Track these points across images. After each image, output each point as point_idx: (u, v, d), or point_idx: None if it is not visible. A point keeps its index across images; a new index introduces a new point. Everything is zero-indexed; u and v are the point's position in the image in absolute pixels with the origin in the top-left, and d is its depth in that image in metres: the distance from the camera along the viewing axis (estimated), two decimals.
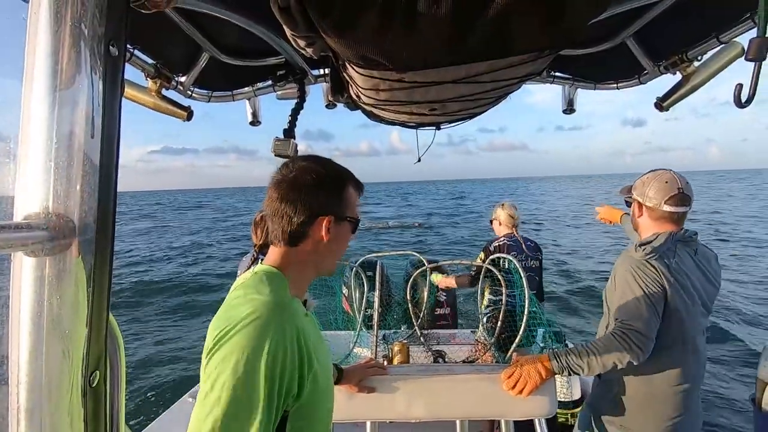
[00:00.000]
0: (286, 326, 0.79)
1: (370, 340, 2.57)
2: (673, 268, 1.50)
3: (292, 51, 1.39)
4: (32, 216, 0.45)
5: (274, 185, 0.91)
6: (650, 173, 1.65)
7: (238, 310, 0.79)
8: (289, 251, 0.91)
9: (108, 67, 0.49)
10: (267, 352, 0.74)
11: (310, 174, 0.90)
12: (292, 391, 0.79)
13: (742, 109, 0.90)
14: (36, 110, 0.46)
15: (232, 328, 0.76)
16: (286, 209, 0.88)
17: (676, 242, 1.55)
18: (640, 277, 1.48)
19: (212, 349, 0.76)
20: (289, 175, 0.90)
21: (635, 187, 1.67)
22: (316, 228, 0.90)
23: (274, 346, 0.75)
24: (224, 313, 0.83)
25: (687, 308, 1.50)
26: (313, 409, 0.85)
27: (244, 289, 0.86)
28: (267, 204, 0.92)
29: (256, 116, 1.99)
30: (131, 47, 1.27)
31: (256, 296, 0.82)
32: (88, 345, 0.48)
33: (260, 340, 0.75)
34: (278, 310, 0.80)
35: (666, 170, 1.62)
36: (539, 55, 0.95)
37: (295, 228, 0.89)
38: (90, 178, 0.47)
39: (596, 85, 1.80)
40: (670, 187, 1.54)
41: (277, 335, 0.77)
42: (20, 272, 0.46)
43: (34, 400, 0.46)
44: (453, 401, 1.43)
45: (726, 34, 1.20)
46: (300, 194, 0.89)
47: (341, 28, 0.78)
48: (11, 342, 0.46)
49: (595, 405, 1.68)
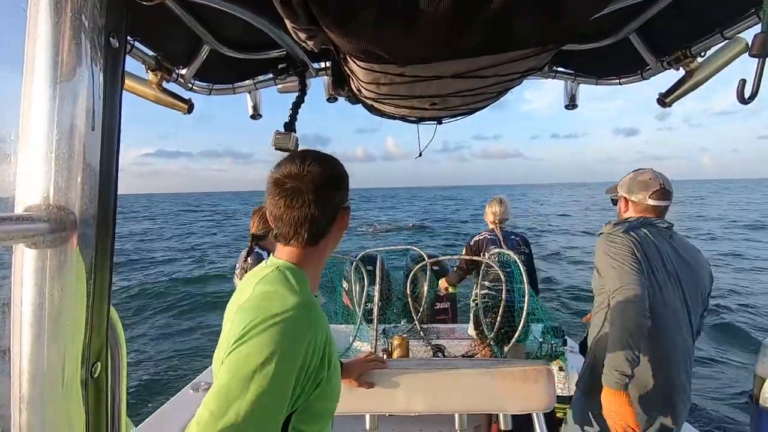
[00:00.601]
0: (317, 328, 0.80)
1: (369, 334, 2.59)
2: (642, 241, 1.62)
3: (293, 44, 1.38)
4: (33, 208, 0.45)
5: (291, 192, 0.85)
6: (633, 172, 1.80)
7: (272, 304, 0.79)
8: (308, 250, 0.91)
9: (108, 59, 0.49)
10: (300, 352, 0.75)
11: (328, 173, 0.88)
12: (309, 389, 0.80)
13: (744, 105, 0.90)
14: (36, 102, 0.45)
15: (263, 322, 0.75)
16: (311, 214, 0.85)
17: (647, 225, 1.68)
18: (612, 247, 1.62)
19: (240, 340, 0.74)
20: (303, 178, 0.85)
21: (621, 185, 1.82)
22: (337, 223, 0.92)
23: (305, 347, 0.77)
24: (255, 305, 0.81)
25: (659, 282, 1.59)
26: (319, 408, 0.85)
27: (271, 284, 0.85)
28: (281, 210, 0.86)
29: (257, 110, 1.98)
30: (132, 39, 1.26)
31: (288, 293, 0.82)
32: (90, 336, 0.48)
33: (295, 339, 0.76)
34: (311, 311, 0.81)
35: (647, 169, 1.77)
36: (541, 50, 0.95)
37: (321, 229, 0.89)
38: (91, 170, 0.47)
39: (598, 80, 1.79)
40: (652, 183, 1.70)
41: (309, 336, 0.78)
42: (21, 264, 0.46)
43: (36, 390, 0.46)
44: (452, 395, 1.44)
45: (730, 30, 1.19)
46: (324, 195, 0.87)
47: (342, 20, 0.78)
48: (13, 333, 0.46)
49: (586, 390, 1.72)
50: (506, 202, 3.31)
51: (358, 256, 3.14)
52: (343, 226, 0.94)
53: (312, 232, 0.87)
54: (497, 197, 3.36)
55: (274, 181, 0.88)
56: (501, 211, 3.23)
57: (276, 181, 0.87)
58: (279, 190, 0.86)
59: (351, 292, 3.32)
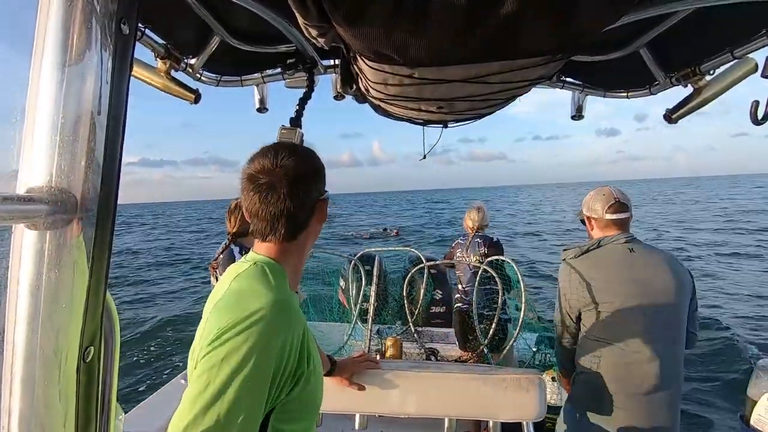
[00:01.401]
0: (292, 325, 0.79)
1: (364, 334, 2.59)
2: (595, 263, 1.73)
3: (303, 40, 1.38)
4: (35, 189, 0.45)
5: (265, 188, 0.83)
6: (592, 191, 1.91)
7: (246, 304, 0.77)
8: (287, 245, 0.89)
9: (118, 45, 0.49)
10: (276, 352, 0.74)
11: (302, 165, 0.86)
12: (287, 388, 0.79)
13: (757, 126, 0.90)
14: (44, 85, 0.45)
15: (239, 323, 0.74)
16: (287, 208, 0.83)
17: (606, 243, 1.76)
18: (559, 279, 1.82)
19: (215, 341, 0.74)
20: (276, 172, 0.83)
21: (583, 206, 1.93)
22: (315, 216, 0.90)
23: (281, 345, 0.75)
24: (229, 304, 0.80)
25: (616, 297, 1.65)
26: (298, 406, 0.84)
27: (247, 280, 0.83)
28: (256, 206, 0.84)
29: (264, 103, 1.98)
30: (142, 26, 1.26)
31: (263, 291, 0.80)
32: (84, 320, 0.48)
33: (269, 339, 0.75)
34: (286, 308, 0.80)
35: (604, 186, 1.89)
36: (551, 59, 0.95)
37: (299, 223, 0.87)
38: (94, 154, 0.47)
39: (606, 92, 1.79)
40: (607, 199, 1.81)
41: (284, 335, 0.77)
42: (20, 245, 0.46)
43: (28, 371, 0.46)
44: (442, 399, 1.44)
45: (740, 50, 1.19)
46: (300, 189, 0.85)
47: (353, 18, 0.78)
48: (8, 313, 0.46)
49: (576, 401, 1.77)
50: (484, 209, 3.52)
51: (357, 255, 3.14)
52: (322, 219, 0.92)
53: (289, 226, 0.86)
54: (475, 205, 3.57)
55: (247, 177, 0.85)
56: (479, 218, 3.44)
57: (249, 176, 0.85)
58: (253, 186, 0.84)
59: (347, 291, 3.32)
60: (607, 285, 1.68)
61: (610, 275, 1.69)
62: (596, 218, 1.83)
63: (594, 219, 1.84)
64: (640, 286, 1.66)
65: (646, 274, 1.67)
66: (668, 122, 1.54)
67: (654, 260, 1.70)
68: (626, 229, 1.80)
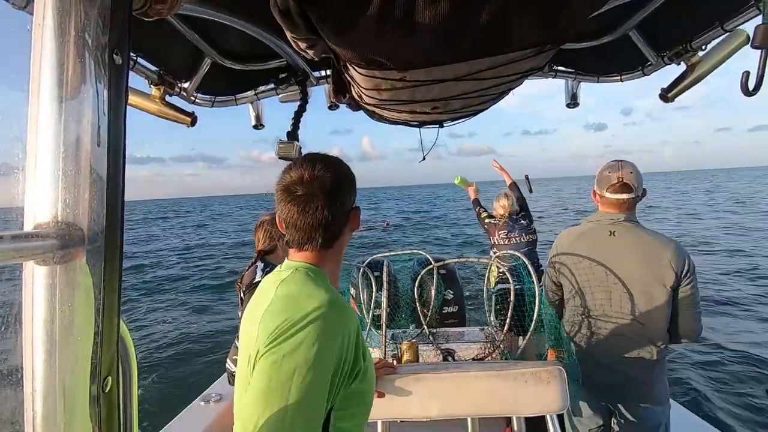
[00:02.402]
0: (348, 322, 0.81)
1: (379, 340, 2.57)
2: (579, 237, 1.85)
3: (293, 53, 1.39)
4: (42, 225, 0.46)
5: (303, 199, 0.84)
6: (605, 165, 1.84)
7: (302, 304, 0.79)
8: (323, 253, 0.90)
9: (112, 75, 0.49)
10: (338, 345, 0.76)
11: (338, 176, 0.88)
12: (347, 384, 0.81)
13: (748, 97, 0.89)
14: (43, 120, 0.46)
15: (299, 321, 0.75)
16: (325, 218, 0.85)
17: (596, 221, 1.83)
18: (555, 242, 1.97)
19: (275, 341, 0.74)
20: (313, 183, 0.84)
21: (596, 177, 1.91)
22: (349, 224, 0.93)
23: (341, 340, 0.77)
24: (284, 306, 0.80)
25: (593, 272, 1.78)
26: (356, 402, 0.86)
27: (295, 284, 0.84)
28: (294, 217, 0.85)
29: (260, 120, 1.99)
30: (134, 55, 1.28)
31: (316, 291, 0.82)
32: (100, 351, 0.48)
33: (332, 334, 0.76)
34: (341, 306, 0.82)
35: (617, 161, 1.81)
36: (540, 50, 0.95)
37: (336, 233, 0.89)
38: (97, 186, 0.48)
39: (599, 78, 1.78)
40: (609, 177, 1.78)
41: (344, 329, 0.79)
42: (32, 281, 0.46)
43: (49, 407, 0.46)
44: (464, 399, 1.43)
45: (731, 22, 1.18)
46: (336, 199, 0.86)
47: (341, 29, 0.78)
48: (25, 350, 0.46)
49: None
50: (511, 195, 3.68)
51: (365, 262, 3.13)
52: (354, 227, 0.95)
53: (326, 236, 0.87)
54: (503, 192, 3.73)
55: (283, 188, 0.86)
56: (509, 204, 3.61)
57: (286, 188, 0.86)
58: (290, 198, 0.85)
59: (359, 299, 3.32)
60: (576, 259, 1.83)
61: (581, 251, 1.82)
62: (599, 194, 1.82)
63: (598, 194, 1.84)
64: (607, 267, 1.76)
65: (614, 259, 1.75)
66: (664, 101, 1.53)
67: (630, 246, 1.73)
68: (627, 209, 1.78)
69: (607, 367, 1.77)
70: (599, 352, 1.79)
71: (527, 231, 3.56)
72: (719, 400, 4.33)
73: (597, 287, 1.79)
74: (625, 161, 1.79)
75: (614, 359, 1.76)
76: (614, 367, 1.76)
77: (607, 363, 1.77)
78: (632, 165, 1.78)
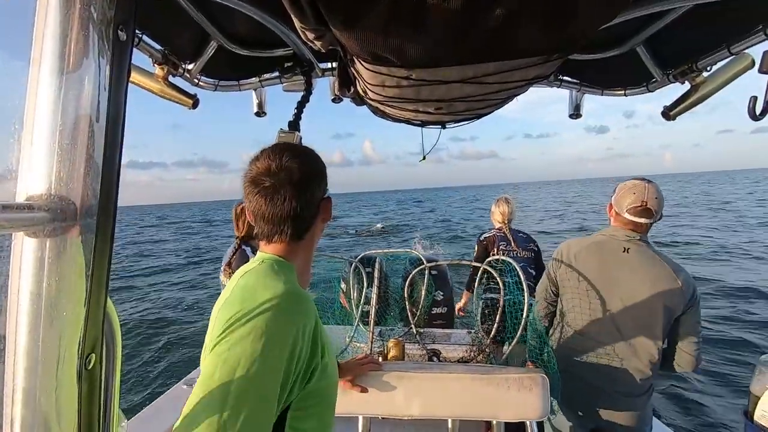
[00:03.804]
0: (304, 315, 0.78)
1: (366, 336, 2.58)
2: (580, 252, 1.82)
3: (300, 43, 1.38)
4: (34, 197, 0.45)
5: (271, 190, 0.82)
6: (630, 181, 1.77)
7: (255, 295, 0.76)
8: (294, 245, 0.89)
9: (116, 51, 0.49)
10: (289, 339, 0.72)
11: (305, 166, 0.86)
12: (301, 382, 0.78)
13: (756, 121, 0.90)
14: (42, 92, 0.45)
15: (250, 312, 0.72)
16: (293, 210, 0.83)
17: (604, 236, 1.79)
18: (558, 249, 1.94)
19: (227, 330, 0.72)
20: (280, 174, 0.83)
21: (615, 192, 1.82)
22: (320, 215, 0.91)
23: (294, 334, 0.74)
24: (238, 297, 0.78)
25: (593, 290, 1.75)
26: (316, 400, 0.83)
27: (255, 276, 0.82)
28: (262, 209, 0.84)
29: (262, 107, 1.98)
30: (140, 33, 1.27)
31: (274, 282, 0.79)
32: (85, 328, 0.48)
33: (282, 327, 0.73)
34: (297, 298, 0.79)
35: (644, 181, 1.72)
36: (548, 58, 0.95)
37: (306, 224, 0.88)
38: (93, 161, 0.47)
39: (604, 90, 1.79)
40: (635, 200, 1.68)
41: (299, 323, 0.75)
42: (20, 253, 0.46)
43: (30, 380, 0.46)
44: (445, 400, 1.44)
45: (737, 46, 1.19)
46: (305, 190, 0.85)
47: (350, 21, 0.78)
48: (9, 322, 0.46)
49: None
50: (512, 201, 3.45)
51: (357, 257, 3.13)
52: (326, 217, 0.93)
53: (295, 227, 0.86)
54: (503, 197, 3.50)
55: (250, 180, 0.84)
56: (509, 211, 3.38)
57: (253, 179, 0.84)
58: (257, 189, 0.83)
59: (348, 293, 3.32)
60: (584, 270, 1.78)
61: (592, 263, 1.77)
62: (617, 211, 1.77)
63: (615, 210, 1.78)
64: (613, 284, 1.71)
65: (624, 275, 1.69)
66: (666, 119, 1.54)
67: (641, 267, 1.69)
68: (643, 231, 1.73)
69: (594, 388, 1.74)
70: (587, 372, 1.75)
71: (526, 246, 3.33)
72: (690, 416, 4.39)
73: (597, 300, 1.73)
74: (650, 182, 1.71)
75: (603, 380, 1.72)
76: (602, 389, 1.72)
77: (595, 383, 1.73)
78: (656, 187, 1.70)
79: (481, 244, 3.37)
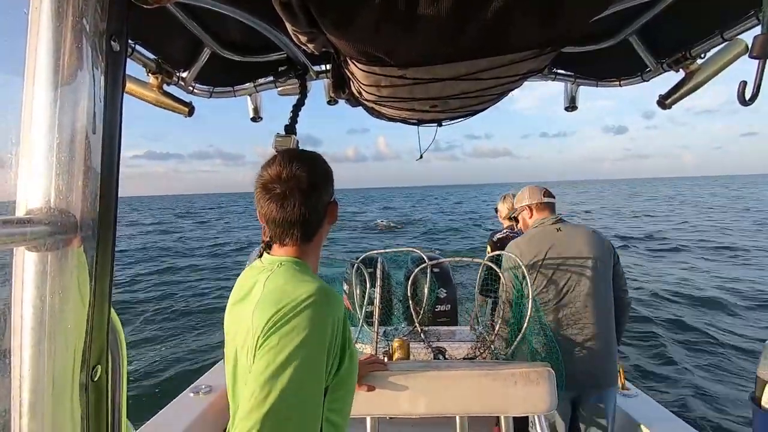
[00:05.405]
0: (337, 307, 0.85)
1: (371, 337, 2.58)
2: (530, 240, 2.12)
3: (293, 46, 1.38)
4: (34, 211, 0.45)
5: (281, 197, 0.88)
6: (523, 189, 2.35)
7: (294, 293, 0.82)
8: (304, 247, 0.95)
9: (110, 62, 0.49)
10: (327, 332, 0.80)
11: (314, 173, 0.91)
12: (336, 364, 0.85)
13: (745, 106, 0.90)
14: (38, 106, 0.46)
15: (294, 308, 0.79)
16: (302, 215, 0.89)
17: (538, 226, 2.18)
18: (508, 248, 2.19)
19: (272, 329, 0.78)
20: (290, 181, 0.88)
21: (520, 201, 2.34)
22: (327, 218, 0.97)
23: (331, 325, 0.81)
24: (276, 297, 0.83)
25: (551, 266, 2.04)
26: (345, 391, 0.90)
27: (283, 277, 0.88)
28: (273, 214, 0.89)
29: (258, 112, 1.98)
30: (133, 42, 1.27)
31: (306, 280, 0.86)
32: (90, 339, 0.48)
33: (323, 319, 0.80)
34: (330, 293, 0.86)
35: (526, 187, 2.35)
36: (540, 52, 0.95)
37: (314, 227, 0.93)
38: (92, 173, 0.48)
39: (598, 82, 1.79)
40: (539, 189, 2.30)
41: (334, 315, 0.83)
42: (22, 267, 0.46)
43: (36, 394, 0.46)
44: (452, 397, 1.44)
45: (730, 31, 1.19)
46: (313, 196, 0.90)
47: (341, 23, 0.78)
48: (14, 336, 0.46)
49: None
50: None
51: (359, 258, 3.14)
52: (332, 220, 1.00)
53: (305, 231, 0.92)
54: (509, 193, 3.41)
55: (261, 186, 0.90)
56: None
57: (263, 186, 0.90)
58: (268, 195, 0.89)
59: (351, 294, 3.32)
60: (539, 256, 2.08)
61: (542, 248, 2.08)
62: (535, 203, 2.25)
63: (534, 204, 2.26)
64: (565, 256, 2.06)
65: (569, 246, 2.06)
66: (662, 108, 1.54)
67: (576, 235, 2.09)
68: (554, 210, 2.25)
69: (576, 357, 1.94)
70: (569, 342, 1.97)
71: None
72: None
73: (567, 275, 2.03)
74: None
75: (583, 346, 1.95)
76: (582, 354, 1.94)
77: (576, 351, 1.95)
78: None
79: (494, 245, 3.27)
